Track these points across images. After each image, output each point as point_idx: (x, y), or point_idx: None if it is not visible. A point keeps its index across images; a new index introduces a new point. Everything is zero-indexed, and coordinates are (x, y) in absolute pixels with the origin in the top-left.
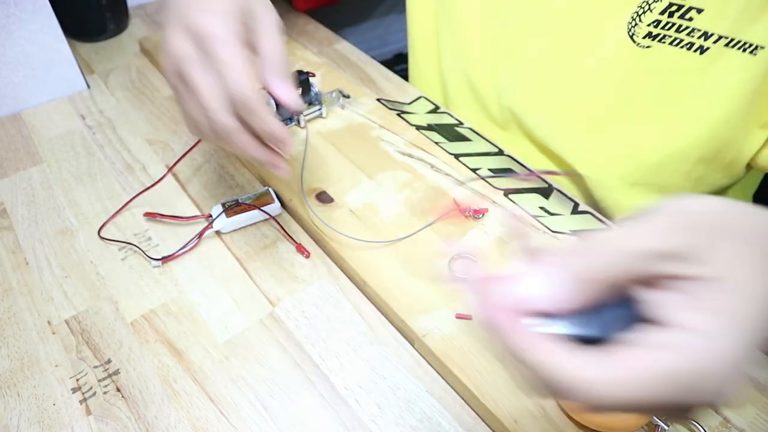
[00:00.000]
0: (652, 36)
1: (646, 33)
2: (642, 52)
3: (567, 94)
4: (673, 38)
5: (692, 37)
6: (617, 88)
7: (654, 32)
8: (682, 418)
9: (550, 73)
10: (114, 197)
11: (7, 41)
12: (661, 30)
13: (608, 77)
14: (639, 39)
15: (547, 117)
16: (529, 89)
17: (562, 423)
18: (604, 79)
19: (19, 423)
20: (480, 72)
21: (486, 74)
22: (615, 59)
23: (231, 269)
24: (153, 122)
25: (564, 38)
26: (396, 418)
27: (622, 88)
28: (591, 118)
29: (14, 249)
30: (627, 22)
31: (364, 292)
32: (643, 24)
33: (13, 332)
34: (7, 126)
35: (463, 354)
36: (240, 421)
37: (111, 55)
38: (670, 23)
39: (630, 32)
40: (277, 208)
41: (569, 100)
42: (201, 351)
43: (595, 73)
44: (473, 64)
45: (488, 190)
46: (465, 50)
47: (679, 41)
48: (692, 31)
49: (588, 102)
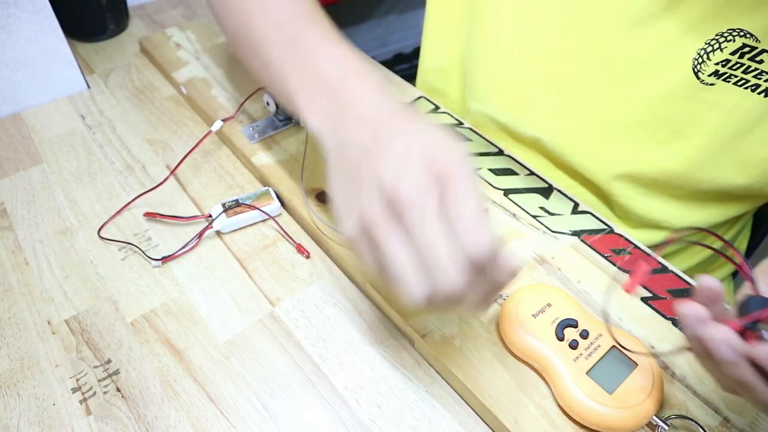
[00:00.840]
0: (718, 74)
1: (712, 71)
2: (704, 89)
3: (612, 124)
4: (740, 78)
5: (759, 79)
6: (671, 121)
7: (721, 71)
8: None
9: (593, 101)
10: (114, 197)
11: (7, 41)
12: (729, 70)
13: (663, 110)
14: (704, 76)
15: (582, 144)
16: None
17: (562, 423)
18: (657, 112)
19: (19, 423)
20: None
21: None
22: (674, 93)
23: (231, 269)
24: (153, 122)
25: (618, 69)
26: (396, 418)
27: (676, 122)
28: (637, 149)
29: (14, 249)
30: (693, 58)
31: (364, 292)
32: (710, 62)
33: (13, 332)
34: (7, 126)
35: (463, 354)
36: (240, 421)
37: (111, 55)
38: (739, 64)
39: (695, 68)
40: (277, 208)
41: (614, 131)
42: (201, 351)
43: (650, 106)
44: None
45: (488, 191)
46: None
47: (745, 82)
48: (761, 73)
49: (637, 134)
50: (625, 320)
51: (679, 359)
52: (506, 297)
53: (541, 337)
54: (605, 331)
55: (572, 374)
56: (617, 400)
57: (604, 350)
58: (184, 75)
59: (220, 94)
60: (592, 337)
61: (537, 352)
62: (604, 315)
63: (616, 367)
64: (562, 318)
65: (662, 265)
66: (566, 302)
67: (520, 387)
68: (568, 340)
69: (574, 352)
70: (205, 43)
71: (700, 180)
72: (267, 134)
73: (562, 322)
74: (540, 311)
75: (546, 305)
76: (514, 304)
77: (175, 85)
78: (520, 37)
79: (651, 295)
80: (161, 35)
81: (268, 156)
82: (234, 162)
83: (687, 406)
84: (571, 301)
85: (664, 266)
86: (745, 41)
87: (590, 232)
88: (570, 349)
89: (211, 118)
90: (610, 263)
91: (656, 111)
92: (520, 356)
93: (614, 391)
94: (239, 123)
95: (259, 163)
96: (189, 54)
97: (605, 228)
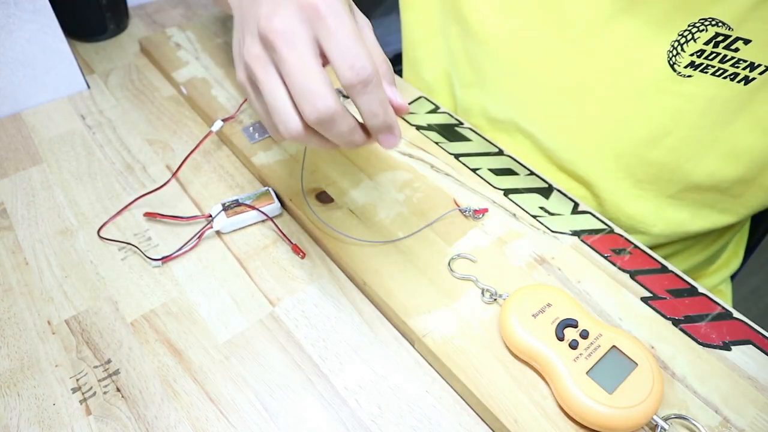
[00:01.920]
0: (695, 66)
1: (688, 62)
2: (682, 81)
3: (596, 119)
4: (717, 68)
5: (737, 68)
6: (652, 115)
7: (697, 62)
8: None
9: (577, 98)
10: (114, 197)
11: (7, 41)
12: (705, 60)
13: (644, 104)
14: (680, 68)
15: (569, 140)
16: (552, 113)
17: (562, 423)
18: (638, 106)
19: (19, 423)
20: (497, 95)
21: (503, 96)
22: (652, 87)
23: (231, 269)
24: (153, 122)
25: (596, 64)
26: (396, 418)
27: (657, 116)
28: (621, 143)
29: (14, 249)
30: (667, 50)
31: (364, 292)
32: (685, 54)
33: (13, 332)
34: (7, 126)
35: (463, 354)
36: (240, 421)
37: (111, 55)
38: (714, 53)
39: (670, 61)
40: (277, 208)
41: (598, 127)
42: (201, 351)
43: (630, 100)
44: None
45: (488, 190)
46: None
47: (722, 71)
48: (738, 61)
49: (620, 129)
50: (625, 320)
51: (679, 359)
52: (506, 297)
53: (541, 337)
54: (605, 331)
55: (572, 374)
56: (617, 400)
57: (604, 350)
58: (184, 75)
59: (220, 94)
60: (592, 337)
61: (537, 352)
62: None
63: (616, 367)
64: (562, 318)
65: (662, 265)
66: (566, 302)
67: (520, 387)
68: (568, 340)
69: (574, 352)
70: (205, 43)
71: (690, 172)
72: (267, 134)
73: (562, 322)
74: (540, 311)
75: (546, 305)
76: (514, 304)
77: (175, 85)
78: (499, 33)
79: (651, 295)
80: (161, 35)
81: (268, 156)
82: (234, 162)
83: (687, 406)
84: (571, 301)
85: (664, 266)
86: (718, 30)
87: (590, 232)
88: (570, 349)
89: (211, 118)
90: (610, 263)
91: (638, 106)
92: (520, 356)
93: (614, 391)
94: (239, 123)
95: (259, 163)
96: (189, 54)
97: (605, 228)
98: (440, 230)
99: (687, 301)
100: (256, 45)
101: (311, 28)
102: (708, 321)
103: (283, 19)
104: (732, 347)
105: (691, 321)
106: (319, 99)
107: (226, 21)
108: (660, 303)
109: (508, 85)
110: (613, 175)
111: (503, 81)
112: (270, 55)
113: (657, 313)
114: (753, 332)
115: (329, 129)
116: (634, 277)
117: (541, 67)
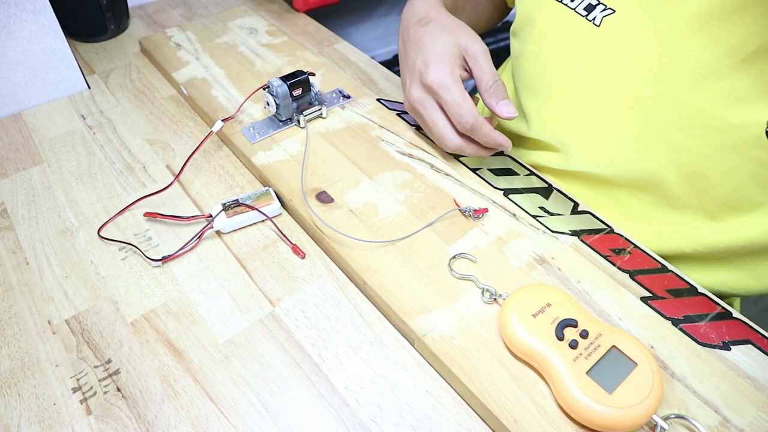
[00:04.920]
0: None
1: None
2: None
3: (673, 170)
4: None
5: None
6: (734, 179)
7: None
8: None
9: (655, 144)
10: (114, 197)
11: (7, 41)
12: None
13: (727, 165)
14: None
15: (614, 166)
16: (599, 142)
17: (562, 423)
18: (720, 165)
19: (19, 423)
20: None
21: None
22: (740, 151)
23: (231, 269)
24: (153, 122)
25: (683, 117)
26: (396, 418)
27: (740, 181)
28: (695, 213)
29: (14, 249)
30: (766, 121)
31: (364, 292)
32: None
33: (13, 332)
34: (7, 126)
35: (463, 354)
36: (240, 421)
37: (111, 55)
38: None
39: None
40: (277, 208)
41: (675, 175)
42: (201, 351)
43: (711, 157)
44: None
45: (488, 190)
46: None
47: None
48: None
49: (697, 183)
50: (624, 320)
51: (678, 359)
52: (506, 297)
53: (540, 337)
54: (605, 331)
55: (572, 374)
56: (617, 400)
57: (604, 350)
58: (184, 75)
59: (220, 94)
60: (591, 337)
61: (537, 352)
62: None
63: (615, 366)
64: (562, 318)
65: (662, 265)
66: (566, 302)
67: (520, 387)
68: (567, 340)
69: (573, 351)
70: (205, 43)
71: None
72: (267, 134)
73: (562, 322)
74: (540, 311)
75: (546, 305)
76: (514, 304)
77: (175, 85)
78: (584, 74)
79: (651, 295)
80: (161, 35)
81: (268, 156)
82: (234, 162)
83: (687, 406)
84: (571, 301)
85: (664, 266)
86: None
87: (590, 232)
88: (570, 349)
89: (211, 118)
90: (609, 263)
91: (718, 165)
92: (519, 356)
93: (614, 390)
94: (239, 123)
95: (259, 163)
96: (189, 54)
97: (605, 228)
98: (440, 230)
99: (687, 300)
100: (417, 89)
101: (458, 74)
102: (708, 321)
103: (438, 73)
104: (731, 347)
105: (691, 321)
106: (467, 115)
107: (226, 21)
108: (660, 303)
109: (552, 103)
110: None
111: (549, 98)
112: (431, 96)
113: (657, 313)
114: (753, 332)
115: (476, 133)
116: (634, 277)
117: (623, 111)
